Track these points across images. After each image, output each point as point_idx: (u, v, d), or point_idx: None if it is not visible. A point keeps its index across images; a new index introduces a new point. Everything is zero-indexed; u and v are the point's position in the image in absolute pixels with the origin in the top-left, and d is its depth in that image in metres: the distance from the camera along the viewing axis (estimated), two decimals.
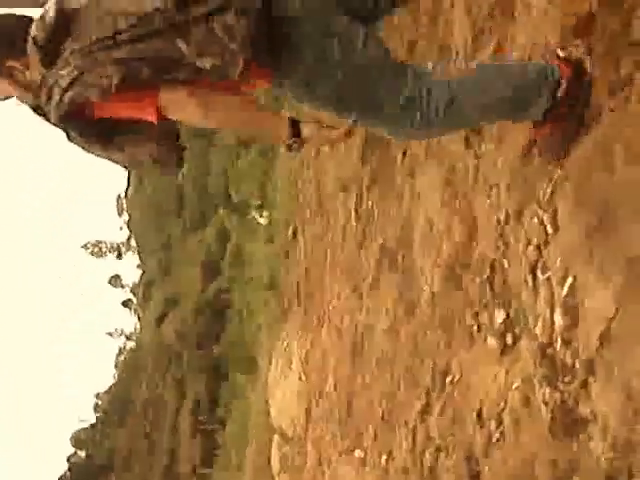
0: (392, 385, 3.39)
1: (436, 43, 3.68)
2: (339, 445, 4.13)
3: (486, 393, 2.45)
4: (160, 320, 23.45)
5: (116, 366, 28.13)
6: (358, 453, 3.74)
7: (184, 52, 1.79)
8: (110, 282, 29.48)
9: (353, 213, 4.68)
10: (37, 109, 1.94)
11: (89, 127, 1.91)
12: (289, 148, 1.91)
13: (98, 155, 1.99)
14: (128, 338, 30.29)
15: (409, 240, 3.57)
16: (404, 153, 3.79)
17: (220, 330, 17.41)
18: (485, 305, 2.62)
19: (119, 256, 34.55)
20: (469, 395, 2.59)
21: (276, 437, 6.08)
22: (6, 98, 2.01)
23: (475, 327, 2.66)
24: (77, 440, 34.76)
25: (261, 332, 9.40)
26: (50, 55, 1.85)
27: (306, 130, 1.87)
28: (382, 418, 3.44)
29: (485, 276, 2.64)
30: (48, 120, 1.92)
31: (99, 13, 1.82)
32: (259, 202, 10.05)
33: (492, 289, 2.58)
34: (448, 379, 2.79)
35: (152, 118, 1.86)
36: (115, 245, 35.22)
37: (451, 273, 2.94)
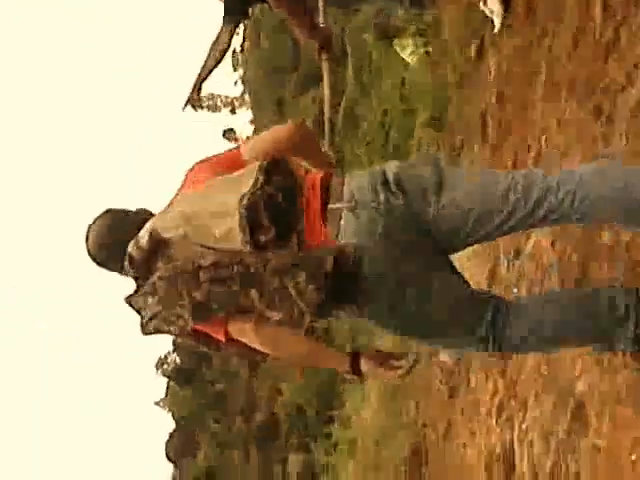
0: None
1: None
2: None
3: None
4: None
5: None
6: None
7: (255, 302, 1.99)
8: (224, 135, 29.08)
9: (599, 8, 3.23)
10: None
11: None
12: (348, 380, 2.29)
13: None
14: None
15: None
16: None
17: None
18: None
19: (232, 111, 34.20)
20: None
21: None
22: None
23: None
24: None
25: None
26: (142, 276, 2.10)
27: (365, 367, 2.11)
28: None
29: None
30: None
31: (187, 245, 2.07)
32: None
33: None
34: None
35: (221, 337, 2.12)
36: (229, 100, 34.84)
37: None
